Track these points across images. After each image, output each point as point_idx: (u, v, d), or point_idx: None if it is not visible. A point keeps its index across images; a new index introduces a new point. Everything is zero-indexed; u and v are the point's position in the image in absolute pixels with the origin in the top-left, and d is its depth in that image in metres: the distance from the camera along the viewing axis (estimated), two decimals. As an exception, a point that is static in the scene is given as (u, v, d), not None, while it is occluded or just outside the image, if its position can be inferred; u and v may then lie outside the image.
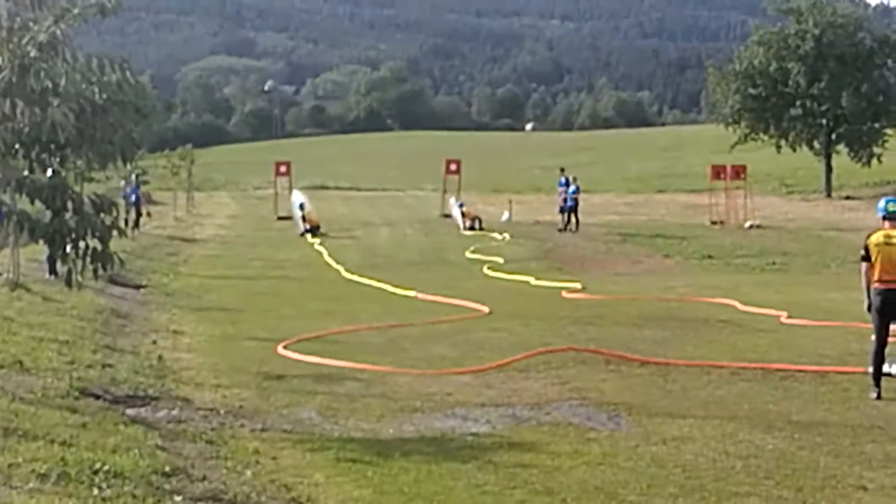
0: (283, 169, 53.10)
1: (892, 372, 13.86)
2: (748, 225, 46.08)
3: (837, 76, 62.59)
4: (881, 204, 13.84)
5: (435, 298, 23.95)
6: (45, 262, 23.73)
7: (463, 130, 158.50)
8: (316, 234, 43.43)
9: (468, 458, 10.42)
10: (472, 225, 46.20)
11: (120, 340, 17.42)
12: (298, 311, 21.96)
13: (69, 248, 11.48)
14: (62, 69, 11.43)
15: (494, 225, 46.83)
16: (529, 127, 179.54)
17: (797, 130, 64.59)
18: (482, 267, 32.00)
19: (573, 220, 45.02)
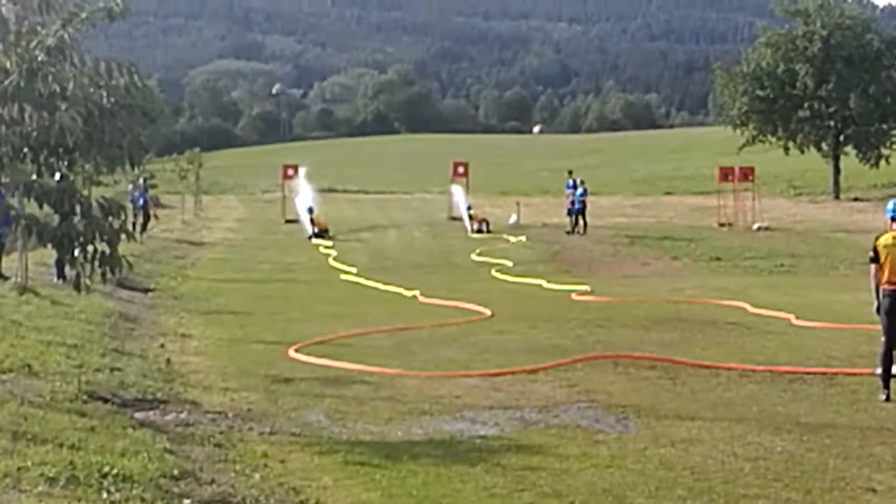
0: (290, 172, 53.06)
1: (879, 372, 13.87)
2: (756, 227, 46.03)
3: (845, 78, 62.52)
4: (890, 205, 13.81)
5: (435, 301, 23.97)
6: (53, 265, 23.76)
7: (470, 133, 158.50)
8: (324, 237, 43.43)
9: (476, 460, 10.41)
10: (479, 227, 46.17)
11: (128, 344, 17.43)
12: (307, 314, 21.97)
13: (77, 251, 11.48)
14: (70, 73, 11.43)
15: (503, 228, 46.79)
16: (537, 129, 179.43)
17: (805, 132, 64.52)
18: (489, 270, 31.96)
19: (581, 222, 44.98)
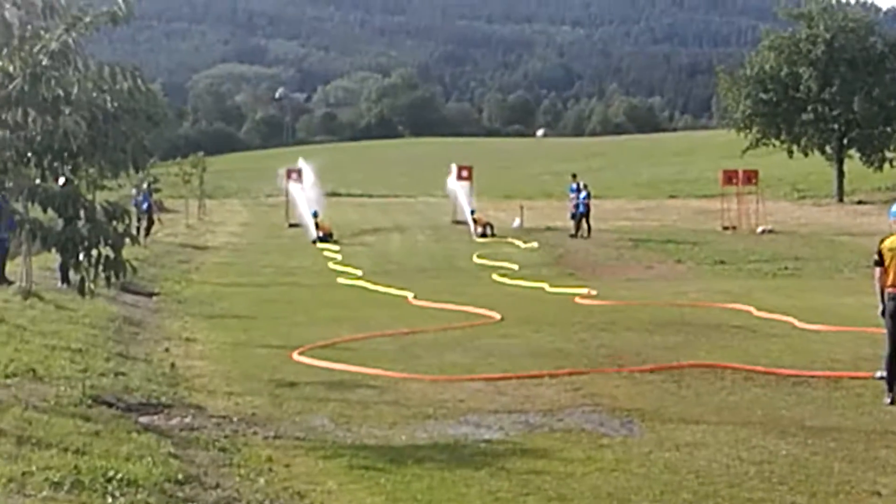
0: (294, 176, 53.04)
1: (883, 375, 13.87)
2: (760, 230, 46.03)
3: (849, 81, 62.56)
4: (894, 208, 13.79)
5: (436, 305, 23.99)
6: (57, 270, 23.79)
7: (474, 137, 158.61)
8: (328, 241, 43.44)
9: (481, 464, 10.41)
10: (483, 231, 46.19)
11: (132, 348, 17.44)
12: (310, 318, 21.96)
13: (82, 256, 11.49)
14: (74, 77, 11.44)
15: (507, 231, 46.81)
16: (540, 133, 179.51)
17: (809, 135, 64.58)
18: (493, 273, 31.95)
19: (585, 225, 44.99)
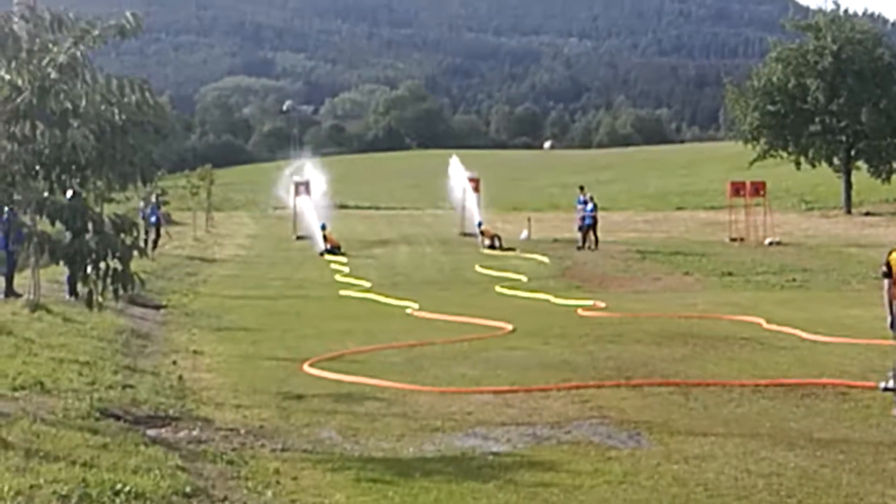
0: (301, 189, 53.07)
1: (888, 386, 13.86)
2: (768, 242, 45.96)
3: (856, 92, 62.52)
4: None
5: (438, 316, 24.00)
6: (65, 282, 23.82)
7: (481, 149, 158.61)
8: (336, 253, 43.47)
9: (489, 477, 10.39)
10: (492, 243, 46.18)
11: (140, 361, 17.44)
12: (318, 330, 21.95)
13: (90, 268, 11.51)
14: (82, 90, 11.47)
15: (515, 244, 46.80)
16: (548, 145, 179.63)
17: (816, 147, 64.53)
18: (506, 286, 31.90)
19: (592, 237, 44.98)
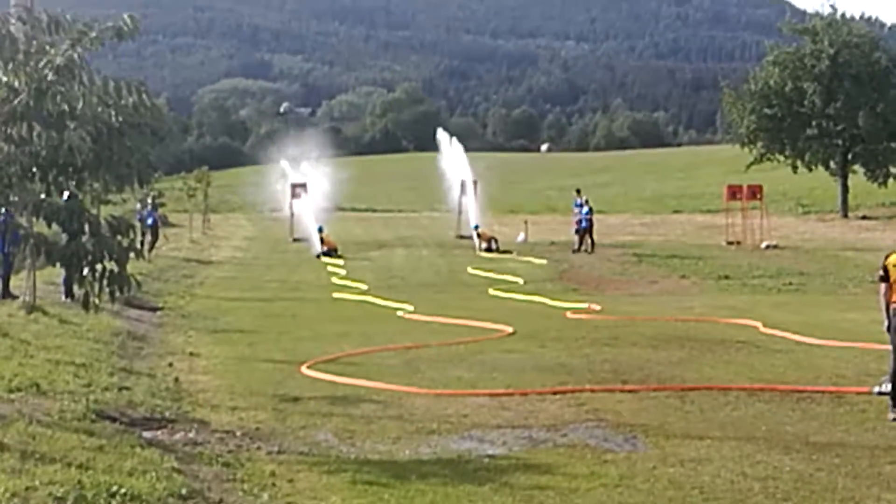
0: (298, 191, 53.06)
1: (882, 390, 13.88)
2: (764, 245, 45.98)
3: (853, 96, 62.56)
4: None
5: (436, 319, 23.99)
6: (61, 284, 23.82)
7: (478, 152, 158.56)
8: (332, 256, 43.46)
9: (485, 480, 10.40)
10: (488, 246, 46.16)
11: (136, 363, 17.44)
12: (315, 332, 21.94)
13: (86, 270, 11.50)
14: (79, 92, 11.47)
15: (512, 246, 46.81)
16: (545, 148, 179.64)
17: (813, 150, 64.56)
18: (502, 288, 31.90)
19: (588, 240, 44.99)
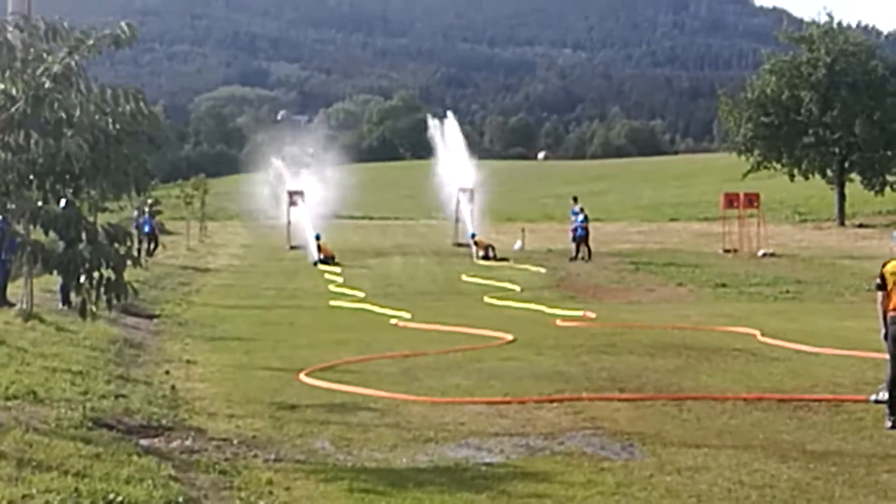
0: (295, 198, 53.07)
1: (879, 398, 13.88)
2: (761, 253, 46.01)
3: (850, 104, 62.68)
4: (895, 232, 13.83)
5: (434, 327, 24.00)
6: (58, 292, 23.80)
7: (475, 159, 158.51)
8: (329, 263, 43.44)
9: (482, 488, 10.39)
10: (485, 254, 46.16)
11: (133, 370, 17.43)
12: (312, 340, 21.93)
13: (83, 278, 11.50)
14: (76, 100, 11.47)
15: (509, 254, 46.83)
16: (542, 156, 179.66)
17: (810, 158, 64.70)
18: (497, 295, 31.89)
19: (584, 248, 44.98)
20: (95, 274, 11.48)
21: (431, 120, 62.06)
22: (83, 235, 11.44)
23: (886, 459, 11.59)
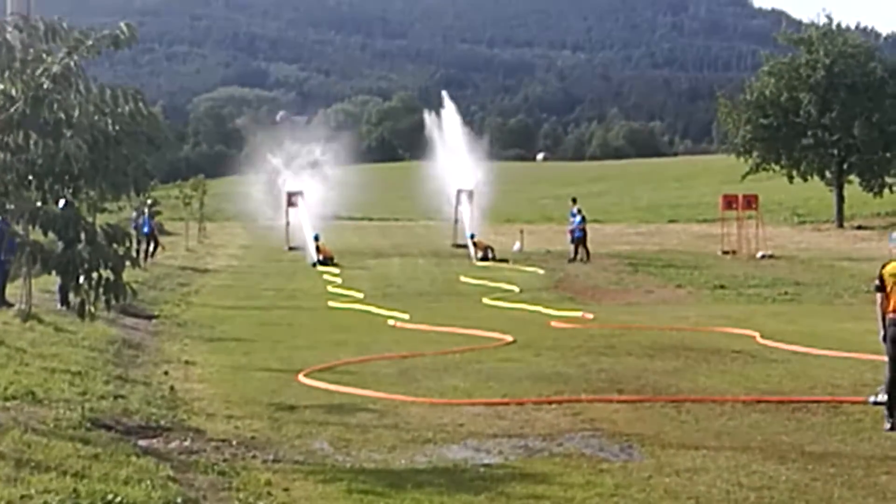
0: (294, 199, 53.06)
1: (878, 400, 13.89)
2: (760, 255, 46.01)
3: (849, 106, 62.69)
4: (894, 234, 13.82)
5: (433, 328, 23.99)
6: (57, 292, 23.77)
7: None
8: (328, 264, 43.42)
9: (480, 489, 10.39)
10: (484, 255, 46.15)
11: (132, 371, 17.42)
12: (311, 341, 21.93)
13: (82, 278, 11.49)
14: (75, 101, 11.46)
15: (508, 255, 46.83)
16: (541, 157, 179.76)
17: (809, 160, 64.70)
18: (496, 296, 31.88)
19: (582, 250, 44.97)
20: (94, 274, 11.47)
21: (429, 116, 61.77)
22: (82, 236, 11.43)
23: (885, 461, 11.60)
